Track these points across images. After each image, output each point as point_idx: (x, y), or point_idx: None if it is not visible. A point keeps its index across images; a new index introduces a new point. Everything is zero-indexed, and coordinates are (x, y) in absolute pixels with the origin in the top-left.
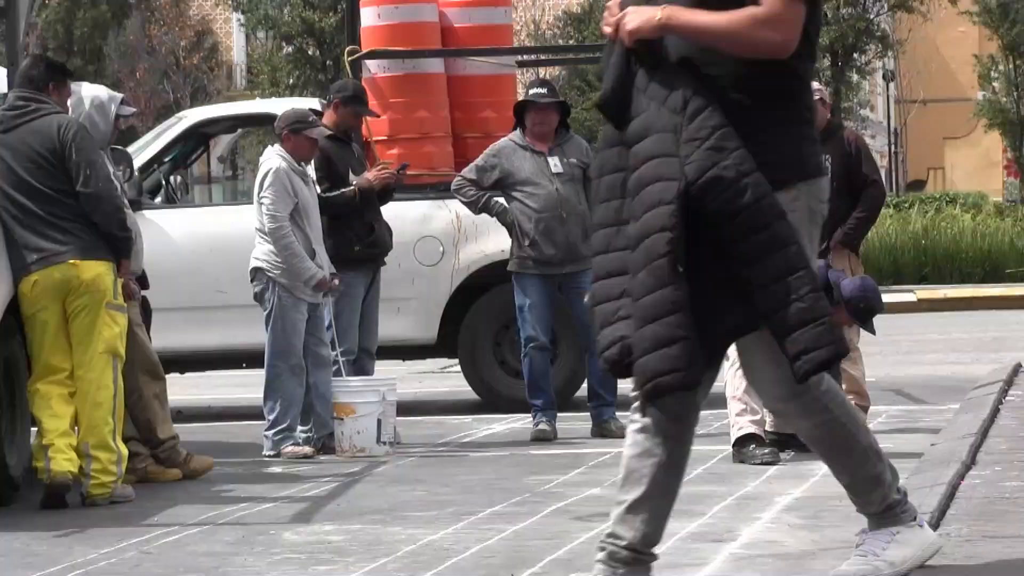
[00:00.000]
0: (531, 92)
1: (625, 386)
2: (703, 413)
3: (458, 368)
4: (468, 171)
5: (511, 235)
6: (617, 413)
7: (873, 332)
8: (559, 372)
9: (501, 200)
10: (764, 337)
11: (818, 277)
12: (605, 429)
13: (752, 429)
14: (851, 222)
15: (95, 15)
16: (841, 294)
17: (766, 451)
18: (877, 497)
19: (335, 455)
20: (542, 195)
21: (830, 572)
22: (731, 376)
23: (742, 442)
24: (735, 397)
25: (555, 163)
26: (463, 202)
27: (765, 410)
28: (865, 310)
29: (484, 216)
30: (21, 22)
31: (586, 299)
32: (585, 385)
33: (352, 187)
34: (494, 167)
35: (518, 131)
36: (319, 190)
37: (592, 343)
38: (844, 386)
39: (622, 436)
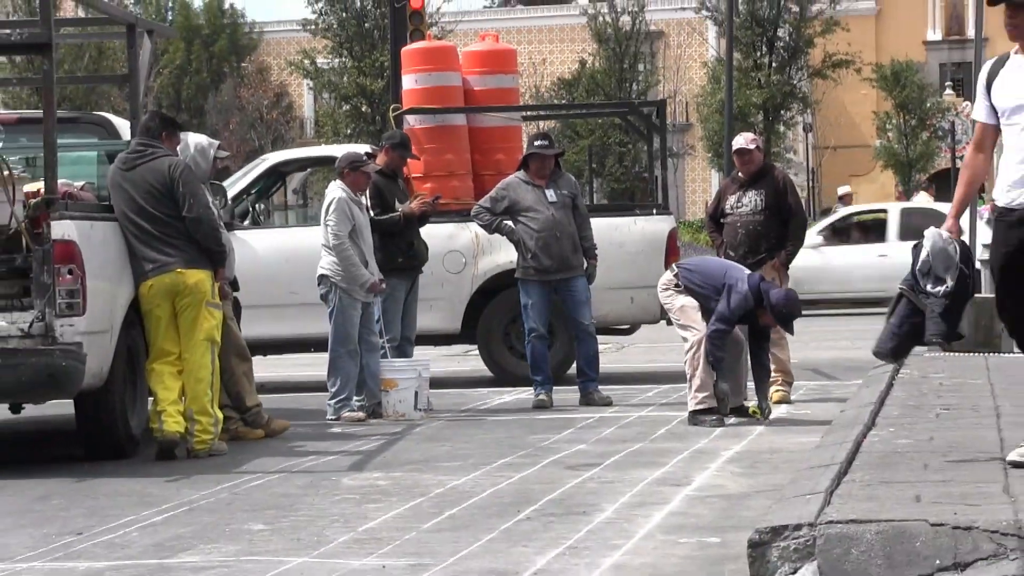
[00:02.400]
0: (536, 144)
1: (606, 365)
2: (665, 386)
3: (477, 352)
4: (484, 201)
5: (517, 250)
6: (600, 387)
7: (792, 333)
8: (554, 355)
9: (509, 223)
10: None
11: None
12: (590, 399)
13: (706, 404)
14: (788, 249)
15: (198, 80)
16: (769, 301)
17: (714, 417)
18: None
19: (382, 419)
20: (541, 219)
21: None
22: (690, 357)
23: (697, 412)
24: (694, 376)
25: (551, 194)
26: (480, 225)
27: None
28: (787, 315)
29: (496, 235)
30: (141, 86)
31: None
32: (574, 365)
33: (399, 213)
34: (504, 198)
35: (522, 170)
36: (372, 215)
37: (580, 333)
38: (773, 366)
39: (603, 404)
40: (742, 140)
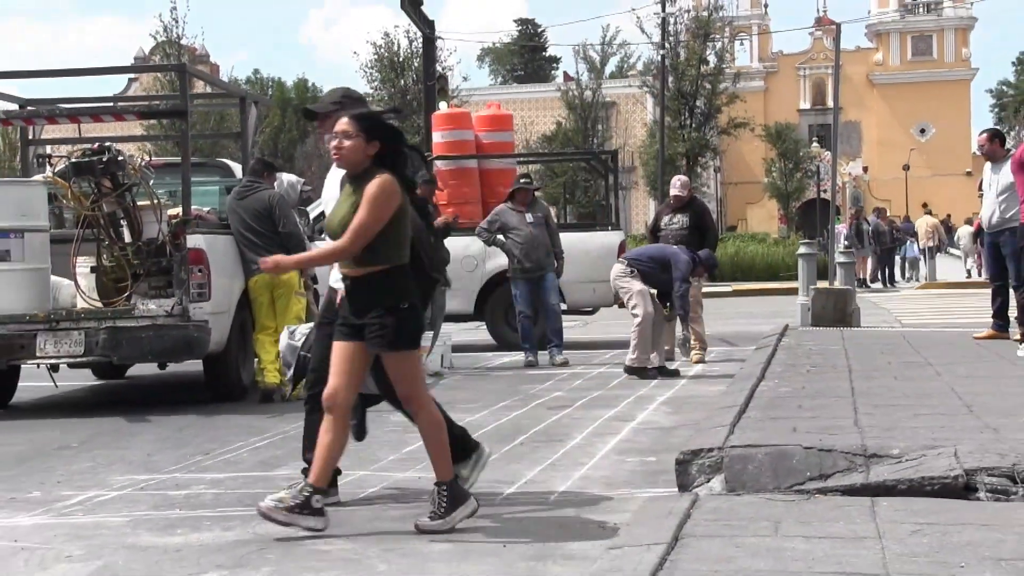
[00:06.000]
0: (521, 181)
1: (575, 336)
2: (617, 351)
3: (485, 326)
4: (483, 224)
5: (508, 257)
6: (563, 351)
7: (714, 279)
8: (538, 330)
9: (501, 238)
10: None
11: None
12: (553, 359)
13: (638, 364)
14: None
15: (289, 137)
16: (700, 259)
17: (653, 369)
18: None
19: None
20: (523, 234)
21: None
22: (639, 329)
23: (630, 368)
24: (637, 343)
25: (530, 217)
26: (481, 240)
27: (654, 354)
28: (712, 265)
29: (493, 247)
30: (249, 140)
31: None
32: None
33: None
34: (496, 221)
35: (510, 200)
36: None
37: (548, 312)
38: (692, 336)
39: (562, 364)
40: (679, 185)
